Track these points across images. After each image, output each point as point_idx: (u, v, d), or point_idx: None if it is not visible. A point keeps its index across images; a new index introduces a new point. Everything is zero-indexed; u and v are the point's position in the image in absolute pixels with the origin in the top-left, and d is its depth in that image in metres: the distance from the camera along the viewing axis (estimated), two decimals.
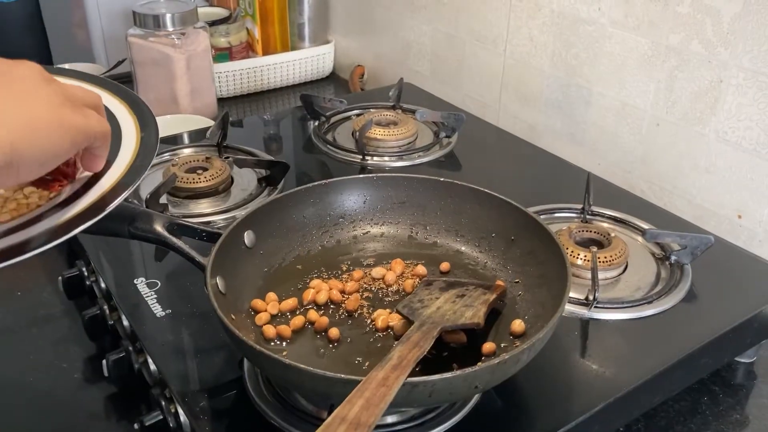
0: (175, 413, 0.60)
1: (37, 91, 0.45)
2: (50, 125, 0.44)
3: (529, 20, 1.07)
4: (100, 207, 0.57)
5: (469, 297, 0.63)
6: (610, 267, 0.73)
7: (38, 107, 0.44)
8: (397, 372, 0.48)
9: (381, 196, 0.74)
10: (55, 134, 0.44)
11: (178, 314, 0.69)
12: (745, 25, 0.80)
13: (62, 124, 0.45)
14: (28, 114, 0.43)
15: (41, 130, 0.44)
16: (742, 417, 0.68)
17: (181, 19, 1.17)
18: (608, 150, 1.00)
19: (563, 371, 0.63)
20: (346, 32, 1.49)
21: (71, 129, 0.46)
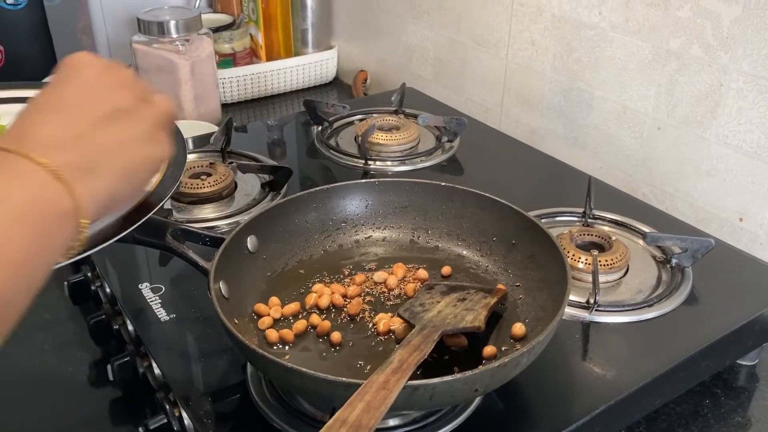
0: (179, 417, 0.60)
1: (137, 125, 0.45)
2: (143, 166, 0.46)
3: (530, 24, 1.07)
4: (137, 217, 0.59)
5: (470, 301, 0.63)
6: (611, 270, 0.74)
7: (136, 148, 0.45)
8: (398, 375, 0.48)
9: (383, 200, 0.75)
10: (144, 174, 0.46)
11: (182, 319, 0.69)
12: (745, 29, 0.80)
13: (151, 161, 0.46)
14: (128, 157, 0.44)
15: (135, 173, 0.45)
16: (744, 420, 0.68)
17: (185, 25, 1.18)
18: (610, 153, 1.01)
19: (564, 374, 0.63)
20: (349, 37, 1.50)
21: (154, 164, 0.47)
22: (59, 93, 0.44)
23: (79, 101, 0.44)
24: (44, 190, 0.39)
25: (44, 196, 0.38)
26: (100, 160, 0.42)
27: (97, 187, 0.41)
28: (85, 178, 0.41)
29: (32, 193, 0.38)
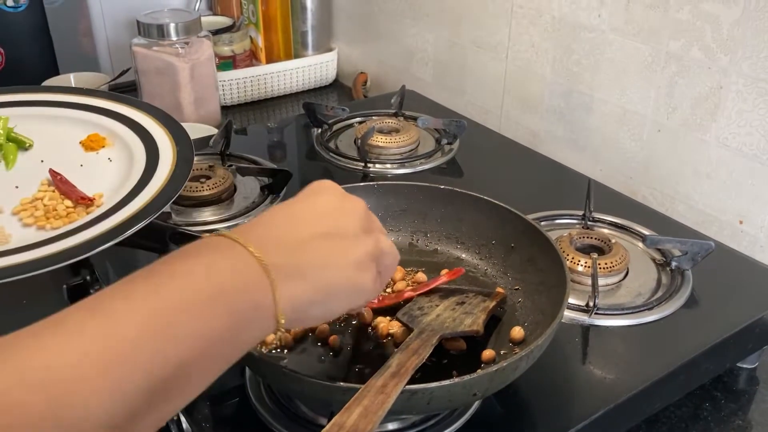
0: (178, 421, 0.60)
1: (352, 249, 0.46)
2: (346, 290, 0.46)
3: (530, 27, 1.07)
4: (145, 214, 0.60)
5: (469, 304, 0.63)
6: (610, 273, 0.73)
7: (345, 269, 0.45)
8: (396, 379, 0.48)
9: (381, 203, 0.75)
10: (344, 298, 0.46)
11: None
12: (745, 31, 0.80)
13: (356, 289, 0.46)
14: (335, 276, 0.45)
15: (337, 294, 0.45)
16: (745, 423, 0.68)
17: (185, 28, 1.18)
18: (609, 156, 1.01)
19: (564, 378, 0.63)
20: (349, 40, 1.50)
21: (359, 295, 0.47)
22: (293, 208, 0.47)
23: (308, 217, 0.46)
24: (250, 278, 0.40)
25: (248, 283, 0.40)
26: (308, 269, 0.43)
27: (298, 292, 0.42)
28: (289, 281, 0.42)
29: (238, 276, 0.40)
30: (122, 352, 0.35)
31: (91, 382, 0.33)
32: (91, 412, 0.33)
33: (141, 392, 0.35)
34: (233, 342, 0.40)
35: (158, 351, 0.36)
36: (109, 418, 0.34)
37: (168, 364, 0.36)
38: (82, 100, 0.90)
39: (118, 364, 0.34)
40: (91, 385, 0.33)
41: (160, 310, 0.37)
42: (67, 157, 0.81)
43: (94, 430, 0.33)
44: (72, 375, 0.33)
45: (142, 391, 0.35)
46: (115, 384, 0.34)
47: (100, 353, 0.34)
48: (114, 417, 0.34)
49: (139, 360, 0.35)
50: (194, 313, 0.38)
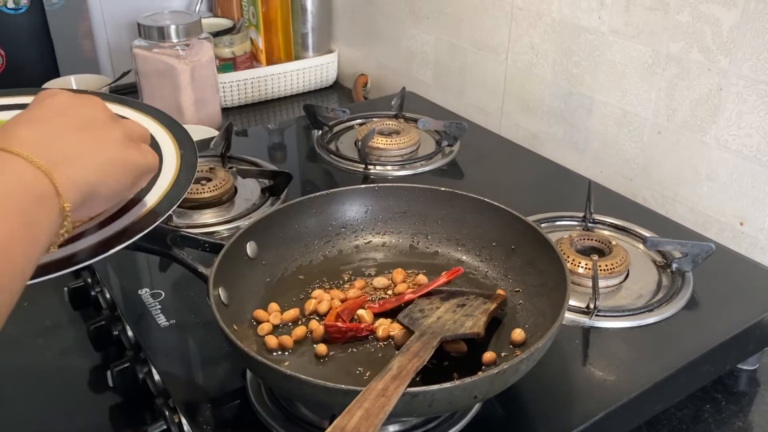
0: (179, 423, 0.60)
1: (107, 133, 0.50)
2: (118, 165, 0.49)
3: (530, 29, 1.07)
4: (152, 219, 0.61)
5: (470, 306, 0.63)
6: (611, 275, 0.73)
7: (109, 149, 0.49)
8: (397, 382, 0.48)
9: (382, 206, 0.75)
10: (121, 173, 0.50)
11: (181, 324, 0.69)
12: (744, 33, 0.80)
13: (127, 163, 0.50)
14: (102, 156, 0.48)
15: (112, 170, 0.49)
16: (745, 424, 0.68)
17: (186, 30, 1.18)
18: (610, 158, 1.01)
19: (565, 380, 0.63)
20: (350, 42, 1.50)
21: (134, 168, 0.51)
22: (32, 114, 0.49)
23: (54, 116, 0.48)
24: (27, 177, 0.42)
25: (23, 182, 0.42)
26: (77, 155, 0.46)
27: (75, 175, 0.45)
28: (62, 167, 0.44)
29: (11, 180, 0.41)
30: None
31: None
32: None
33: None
34: (27, 239, 0.41)
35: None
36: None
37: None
38: None
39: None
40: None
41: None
42: None
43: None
44: None
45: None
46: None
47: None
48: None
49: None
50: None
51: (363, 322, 0.63)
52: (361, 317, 0.63)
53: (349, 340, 0.62)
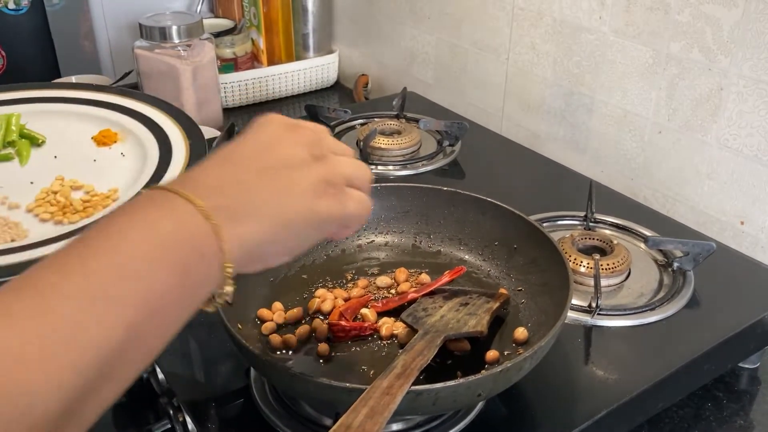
0: (183, 422, 0.61)
1: (301, 179, 0.43)
2: (301, 220, 0.43)
3: (531, 29, 1.07)
4: None
5: (473, 305, 0.63)
6: (612, 274, 0.74)
7: (296, 200, 0.43)
8: (401, 380, 0.48)
9: (385, 205, 0.75)
10: (303, 228, 0.44)
11: (185, 324, 0.69)
12: (745, 33, 0.80)
13: (313, 216, 0.44)
14: (285, 208, 0.42)
15: (291, 226, 0.43)
16: (747, 423, 0.68)
17: (187, 31, 1.18)
18: (611, 157, 1.01)
19: (567, 378, 0.63)
20: (351, 42, 1.51)
21: (323, 223, 0.44)
22: (235, 147, 0.44)
23: (251, 154, 0.43)
24: (191, 227, 0.38)
25: (189, 234, 0.38)
26: (254, 207, 0.41)
27: (247, 233, 0.40)
28: (236, 222, 0.40)
29: (179, 229, 0.38)
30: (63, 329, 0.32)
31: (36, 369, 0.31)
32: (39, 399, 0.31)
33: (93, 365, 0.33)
34: (182, 296, 0.38)
35: (101, 320, 0.33)
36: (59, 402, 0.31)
37: (115, 332, 0.34)
38: (92, 96, 0.91)
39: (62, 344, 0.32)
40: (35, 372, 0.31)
41: (96, 277, 0.34)
42: (80, 152, 0.82)
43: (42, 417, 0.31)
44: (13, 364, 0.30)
45: (93, 363, 0.33)
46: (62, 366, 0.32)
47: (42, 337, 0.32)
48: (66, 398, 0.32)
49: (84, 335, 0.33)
50: (132, 272, 0.35)
51: (366, 321, 0.63)
52: (365, 316, 0.64)
53: (353, 339, 0.62)
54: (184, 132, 0.83)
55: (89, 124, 0.86)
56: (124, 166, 0.79)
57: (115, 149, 0.82)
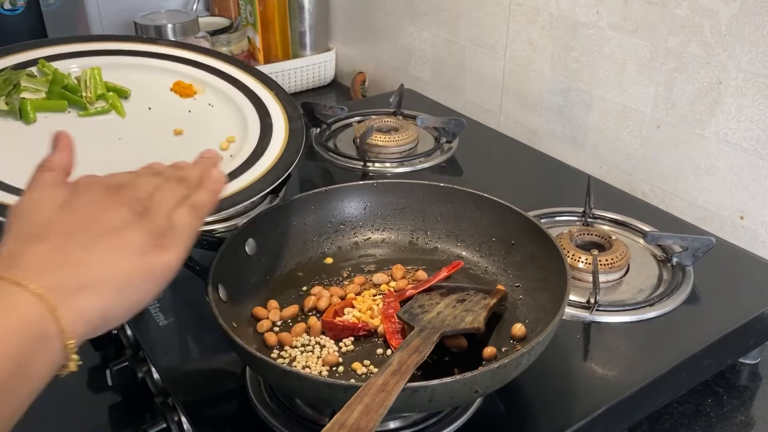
0: (179, 421, 0.60)
1: (130, 240, 0.44)
2: (139, 278, 0.44)
3: (528, 25, 1.07)
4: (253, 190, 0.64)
5: (470, 302, 0.63)
6: (611, 270, 0.73)
7: (130, 261, 0.43)
8: (397, 377, 0.48)
9: (381, 202, 0.75)
10: (142, 284, 0.44)
11: (180, 323, 0.69)
12: (743, 26, 0.80)
13: (149, 272, 0.44)
14: (120, 273, 0.43)
15: (131, 286, 0.43)
16: (747, 419, 0.67)
17: (183, 29, 1.18)
18: (609, 153, 1.01)
19: (566, 374, 0.63)
20: (347, 40, 1.50)
21: (160, 276, 0.45)
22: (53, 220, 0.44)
23: (71, 227, 0.43)
24: (25, 313, 0.38)
25: (25, 321, 0.38)
26: (89, 279, 0.41)
27: (87, 306, 0.41)
28: (73, 298, 0.40)
29: (13, 317, 0.38)
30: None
31: None
32: None
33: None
34: (23, 379, 0.38)
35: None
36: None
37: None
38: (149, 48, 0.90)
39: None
40: None
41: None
42: (171, 103, 0.81)
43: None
44: None
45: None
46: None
47: None
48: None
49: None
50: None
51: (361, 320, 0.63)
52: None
53: (347, 337, 0.62)
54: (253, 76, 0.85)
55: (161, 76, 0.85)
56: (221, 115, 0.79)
57: (200, 100, 0.82)
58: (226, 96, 0.83)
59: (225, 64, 0.89)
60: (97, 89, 0.79)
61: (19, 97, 0.75)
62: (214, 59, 0.90)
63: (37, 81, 0.78)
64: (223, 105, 0.81)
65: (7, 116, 0.74)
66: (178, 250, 0.46)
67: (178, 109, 0.80)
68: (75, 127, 0.75)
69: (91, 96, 0.78)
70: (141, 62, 0.88)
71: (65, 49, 0.87)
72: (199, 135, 0.76)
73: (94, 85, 0.79)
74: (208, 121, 0.79)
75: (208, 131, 0.77)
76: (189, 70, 0.87)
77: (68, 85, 0.79)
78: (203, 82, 0.84)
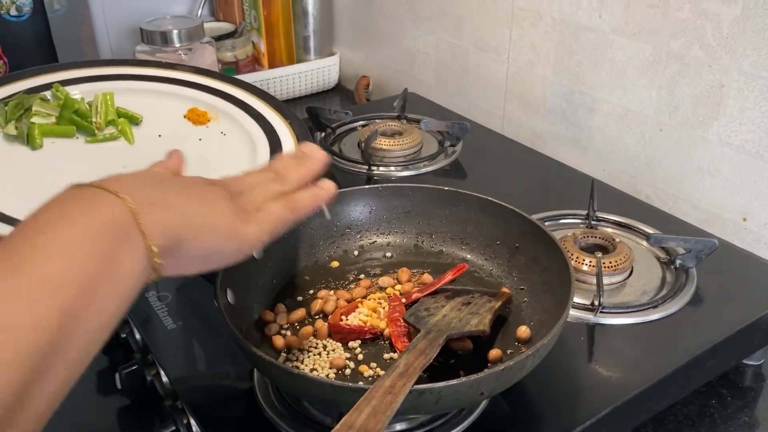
0: (188, 424, 0.61)
1: (217, 200, 0.48)
2: (222, 231, 0.46)
3: (531, 29, 1.07)
4: None
5: (475, 305, 0.63)
6: (615, 272, 0.74)
7: (216, 212, 0.47)
8: (404, 380, 0.48)
9: (386, 206, 0.75)
10: (223, 239, 0.47)
11: (188, 327, 0.70)
12: (745, 29, 0.80)
13: (233, 233, 0.47)
14: (206, 215, 0.46)
15: (212, 232, 0.46)
16: (751, 420, 0.68)
17: (188, 34, 1.18)
18: (612, 156, 1.01)
19: (570, 376, 0.63)
20: (351, 44, 1.51)
21: (241, 241, 0.48)
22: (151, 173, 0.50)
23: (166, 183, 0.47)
24: (112, 215, 0.40)
25: (111, 221, 0.40)
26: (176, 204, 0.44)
27: (167, 220, 0.43)
28: (156, 209, 0.42)
29: (101, 217, 0.40)
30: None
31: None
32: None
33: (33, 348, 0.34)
34: (114, 281, 0.39)
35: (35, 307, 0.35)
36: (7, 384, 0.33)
37: (49, 316, 0.35)
38: (168, 74, 0.89)
39: None
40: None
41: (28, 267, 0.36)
42: (182, 131, 0.80)
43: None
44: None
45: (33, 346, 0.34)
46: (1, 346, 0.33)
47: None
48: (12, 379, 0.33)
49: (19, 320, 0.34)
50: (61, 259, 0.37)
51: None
52: None
53: (354, 340, 0.62)
54: (270, 106, 0.84)
55: (177, 102, 0.83)
56: (232, 144, 0.78)
57: (213, 128, 0.81)
58: (239, 125, 0.81)
59: (242, 92, 0.87)
60: (108, 115, 0.78)
61: (28, 122, 0.74)
62: (231, 86, 0.88)
63: (49, 105, 0.77)
64: (234, 134, 0.80)
65: (15, 141, 0.74)
66: (261, 228, 0.49)
67: (190, 137, 0.79)
68: (80, 153, 0.75)
69: (101, 122, 0.77)
70: (158, 88, 0.86)
71: (81, 74, 0.85)
72: (207, 164, 0.75)
73: (105, 110, 0.78)
74: (217, 149, 0.78)
75: (219, 161, 0.76)
76: (205, 97, 0.85)
77: (79, 110, 0.78)
78: (218, 110, 0.83)
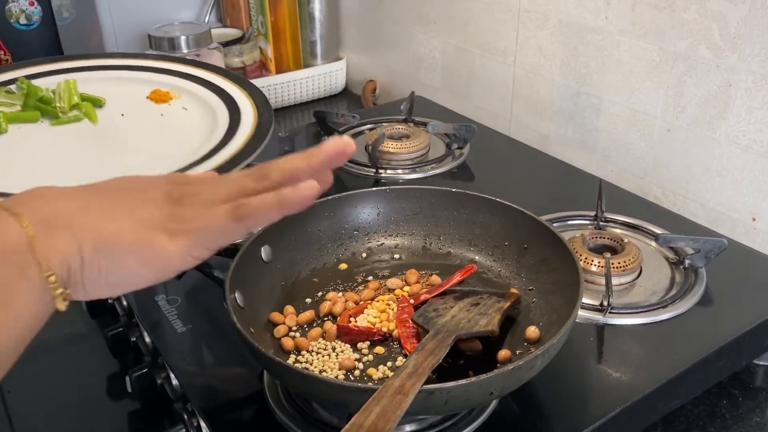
0: (198, 427, 0.61)
1: (136, 211, 0.40)
2: (136, 250, 0.39)
3: (537, 31, 1.08)
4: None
5: (484, 305, 0.63)
6: (624, 272, 0.74)
7: (126, 223, 0.39)
8: (413, 380, 0.48)
9: (394, 208, 0.75)
10: (135, 261, 0.40)
11: (198, 329, 0.70)
12: (752, 29, 0.80)
13: (150, 252, 0.40)
14: (109, 231, 0.39)
15: (123, 255, 0.39)
16: (763, 420, 0.67)
17: (196, 40, 1.19)
18: (620, 157, 1.01)
19: (580, 377, 0.63)
20: (358, 48, 1.51)
21: (163, 260, 0.40)
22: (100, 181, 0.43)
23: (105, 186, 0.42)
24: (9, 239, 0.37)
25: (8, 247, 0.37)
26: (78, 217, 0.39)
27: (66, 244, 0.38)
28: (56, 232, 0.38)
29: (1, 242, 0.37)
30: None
31: None
32: None
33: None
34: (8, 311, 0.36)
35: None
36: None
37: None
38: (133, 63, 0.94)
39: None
40: None
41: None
42: (144, 109, 0.84)
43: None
44: None
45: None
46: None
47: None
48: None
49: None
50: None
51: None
52: None
53: (363, 341, 0.62)
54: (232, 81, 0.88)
55: (140, 86, 0.89)
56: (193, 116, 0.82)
57: (175, 105, 0.85)
58: (201, 100, 0.86)
59: (206, 72, 0.92)
60: (71, 99, 0.83)
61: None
62: (195, 68, 0.93)
63: (14, 96, 0.83)
64: (196, 108, 0.84)
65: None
66: (192, 242, 0.41)
67: (151, 114, 0.83)
68: (46, 135, 0.80)
69: (65, 106, 0.83)
70: (120, 75, 0.93)
71: (46, 68, 0.92)
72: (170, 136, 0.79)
73: (68, 95, 0.83)
74: (179, 122, 0.82)
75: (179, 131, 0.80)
76: (169, 79, 0.91)
77: (43, 98, 0.83)
78: (181, 89, 0.88)
